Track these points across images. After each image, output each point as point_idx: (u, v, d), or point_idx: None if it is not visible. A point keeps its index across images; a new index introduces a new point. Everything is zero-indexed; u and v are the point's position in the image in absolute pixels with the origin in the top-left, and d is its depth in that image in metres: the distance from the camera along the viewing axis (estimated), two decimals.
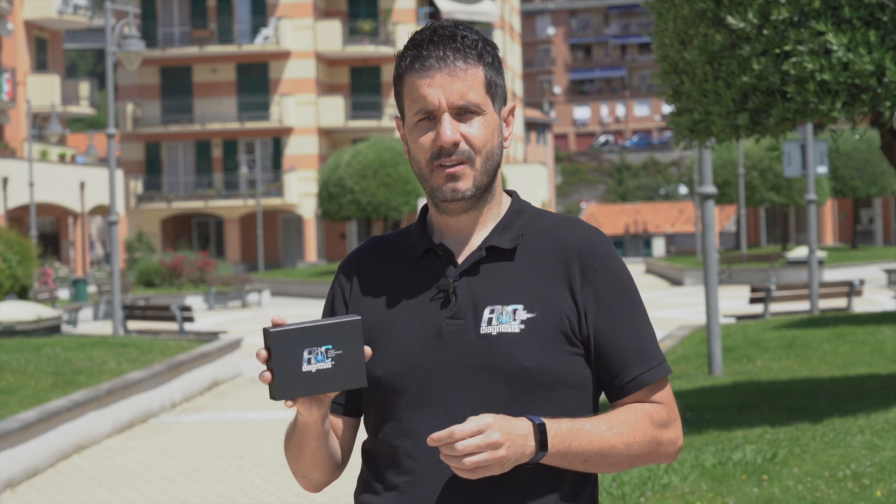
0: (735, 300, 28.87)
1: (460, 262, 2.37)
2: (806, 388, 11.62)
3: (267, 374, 2.17)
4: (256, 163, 52.89)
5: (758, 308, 22.14)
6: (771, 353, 15.23)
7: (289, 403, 2.18)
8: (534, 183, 57.15)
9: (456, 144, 2.31)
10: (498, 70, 2.38)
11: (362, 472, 2.43)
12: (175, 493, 9.88)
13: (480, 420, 2.17)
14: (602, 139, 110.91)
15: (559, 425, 2.25)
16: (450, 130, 2.30)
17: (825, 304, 22.89)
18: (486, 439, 2.16)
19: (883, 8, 8.47)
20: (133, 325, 22.43)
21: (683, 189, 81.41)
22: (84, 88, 53.28)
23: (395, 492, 2.32)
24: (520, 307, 2.31)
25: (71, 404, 11.75)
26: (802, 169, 21.86)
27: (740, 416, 10.08)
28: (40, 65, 50.95)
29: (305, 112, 53.84)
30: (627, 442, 2.31)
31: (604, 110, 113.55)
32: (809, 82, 8.51)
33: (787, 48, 8.54)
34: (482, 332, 2.31)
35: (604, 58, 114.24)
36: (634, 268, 52.57)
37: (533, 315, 2.31)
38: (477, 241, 2.39)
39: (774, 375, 13.02)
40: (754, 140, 10.07)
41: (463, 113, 2.32)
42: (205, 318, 30.81)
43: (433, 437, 2.16)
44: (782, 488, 7.38)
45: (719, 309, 15.70)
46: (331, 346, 2.16)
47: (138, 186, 53.94)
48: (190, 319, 21.71)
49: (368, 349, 2.21)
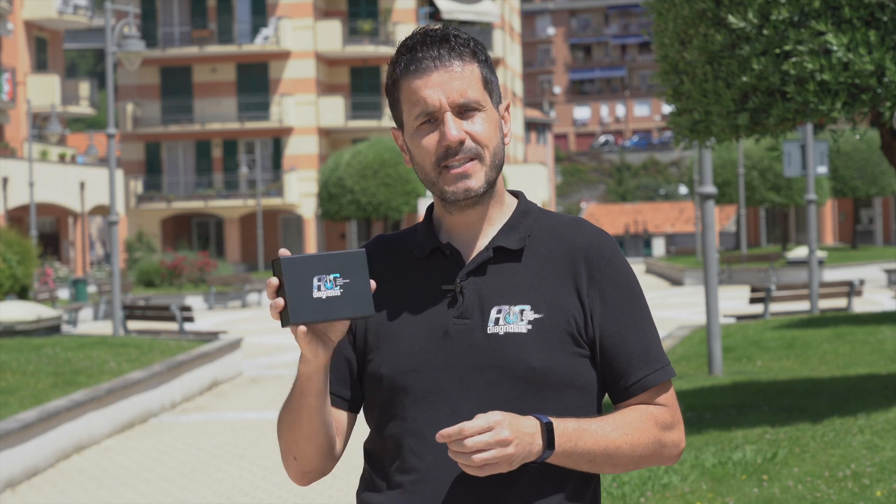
0: (735, 300, 28.87)
1: (467, 262, 2.37)
2: (806, 388, 11.62)
3: (279, 301, 2.17)
4: (256, 163, 52.90)
5: (758, 308, 22.15)
6: (771, 353, 15.23)
7: (302, 330, 2.17)
8: (534, 183, 57.12)
9: (462, 143, 2.30)
10: (491, 68, 2.38)
11: (364, 471, 2.42)
12: (175, 493, 9.88)
13: (490, 417, 2.17)
14: (602, 139, 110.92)
15: (565, 424, 2.25)
16: (455, 129, 2.30)
17: (825, 304, 22.89)
18: (496, 436, 2.16)
19: (883, 8, 8.47)
20: (133, 325, 22.43)
21: (683, 189, 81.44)
22: (84, 88, 53.29)
23: (400, 490, 2.31)
24: (527, 307, 2.31)
25: (71, 404, 11.75)
26: (802, 169, 21.87)
27: (740, 416, 10.08)
28: (40, 65, 50.96)
29: (305, 112, 53.84)
30: (632, 443, 2.31)
31: (604, 110, 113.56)
32: (809, 82, 8.51)
33: (787, 48, 8.54)
34: (489, 332, 2.31)
35: (604, 58, 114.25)
36: (634, 268, 52.51)
37: (540, 316, 2.31)
38: (484, 241, 2.39)
39: (774, 375, 13.03)
40: (754, 140, 10.07)
41: (464, 111, 2.32)
42: (205, 318, 30.81)
43: (442, 434, 2.16)
44: (782, 488, 7.38)
45: (719, 309, 15.70)
46: (339, 275, 2.18)
47: (138, 186, 53.94)
48: (190, 319, 21.71)
49: (373, 282, 2.22)
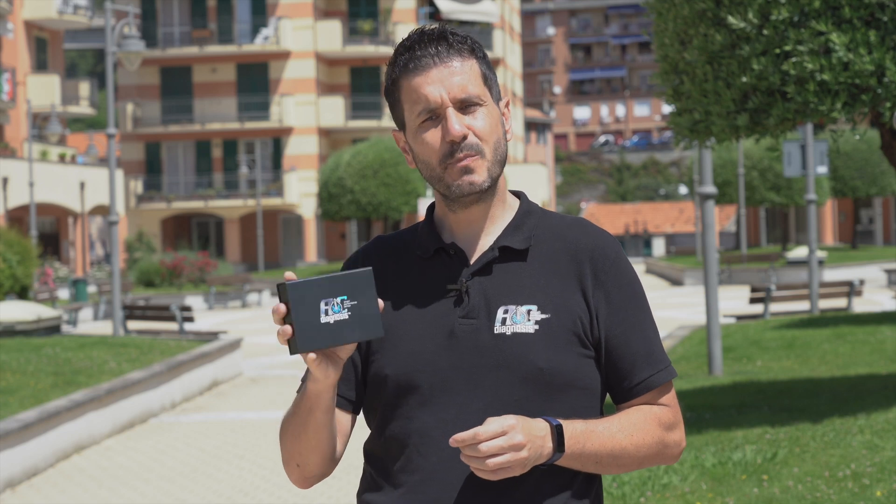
0: (735, 300, 28.87)
1: (472, 262, 2.36)
2: (806, 388, 11.62)
3: (287, 328, 2.14)
4: (256, 163, 52.90)
5: (758, 308, 22.14)
6: (771, 353, 15.23)
7: (311, 356, 2.15)
8: (534, 183, 57.12)
9: (465, 137, 2.30)
10: (489, 65, 2.39)
11: (365, 472, 2.41)
12: (175, 493, 9.88)
13: (504, 421, 2.16)
14: (602, 139, 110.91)
15: (574, 426, 2.25)
16: (457, 124, 2.30)
17: (825, 304, 22.89)
18: (510, 441, 2.15)
19: (883, 8, 8.47)
20: (133, 325, 22.42)
21: (683, 189, 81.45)
22: (84, 88, 53.30)
23: (404, 490, 2.30)
24: (534, 308, 2.31)
25: (71, 404, 11.74)
26: (802, 169, 21.86)
27: (740, 416, 10.08)
28: (40, 65, 50.96)
29: (305, 112, 53.85)
30: (637, 444, 2.32)
31: (604, 110, 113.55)
32: (809, 82, 8.50)
33: (787, 48, 8.54)
34: (496, 332, 2.30)
35: (604, 58, 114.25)
36: (635, 268, 52.50)
37: (547, 316, 2.31)
38: (488, 241, 2.38)
39: (774, 375, 13.03)
40: (754, 140, 10.07)
41: (466, 106, 2.32)
42: (205, 318, 30.81)
43: (456, 439, 2.15)
44: (782, 488, 7.38)
45: (719, 309, 15.70)
46: (346, 297, 2.15)
47: (138, 186, 53.95)
48: (190, 319, 21.70)
49: (381, 301, 2.19)
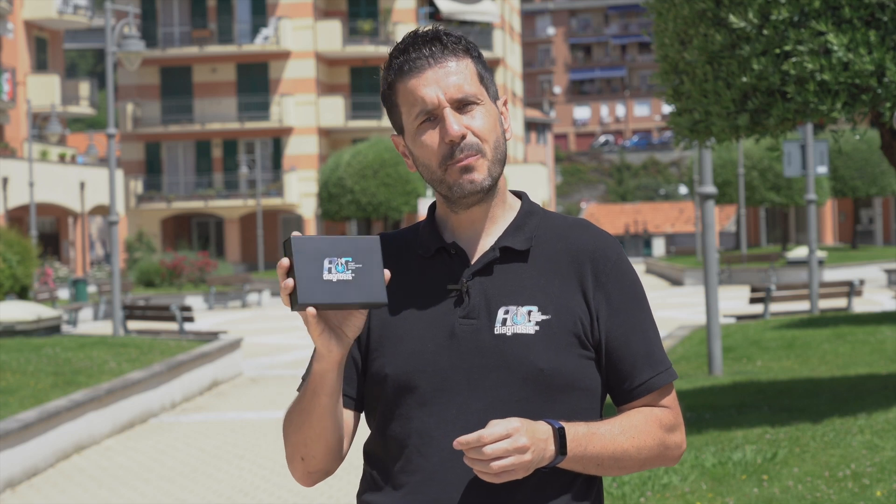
0: (735, 300, 28.87)
1: (473, 262, 2.36)
2: (806, 388, 11.62)
3: (289, 282, 2.13)
4: (256, 163, 52.90)
5: (758, 308, 22.14)
6: (771, 353, 15.23)
7: (311, 312, 2.13)
8: (534, 183, 57.10)
9: (464, 137, 2.30)
10: (485, 64, 2.38)
11: (365, 473, 2.40)
12: (175, 493, 9.88)
13: (508, 424, 2.15)
14: (602, 139, 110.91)
15: (576, 429, 2.25)
16: (456, 125, 2.29)
17: (825, 304, 22.89)
18: (514, 443, 2.14)
19: (883, 8, 8.47)
20: (133, 325, 22.42)
21: (683, 189, 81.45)
22: (84, 88, 53.30)
23: (404, 490, 2.30)
24: (534, 308, 2.30)
25: (71, 404, 11.75)
26: (802, 169, 21.87)
27: (740, 416, 10.08)
28: (40, 65, 50.96)
29: (305, 112, 53.84)
30: (639, 446, 2.31)
31: (604, 110, 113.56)
32: (809, 82, 8.51)
33: (787, 48, 8.54)
34: (496, 333, 2.29)
35: (604, 58, 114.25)
36: (635, 268, 52.62)
37: (548, 317, 2.30)
38: (489, 241, 2.38)
39: (774, 375, 13.03)
40: (754, 140, 10.07)
41: (463, 106, 2.31)
42: (205, 318, 30.81)
43: (460, 441, 2.14)
44: (782, 488, 7.38)
45: (719, 309, 15.70)
46: (350, 259, 2.14)
47: (138, 186, 53.95)
48: (190, 319, 21.70)
49: (387, 271, 2.18)
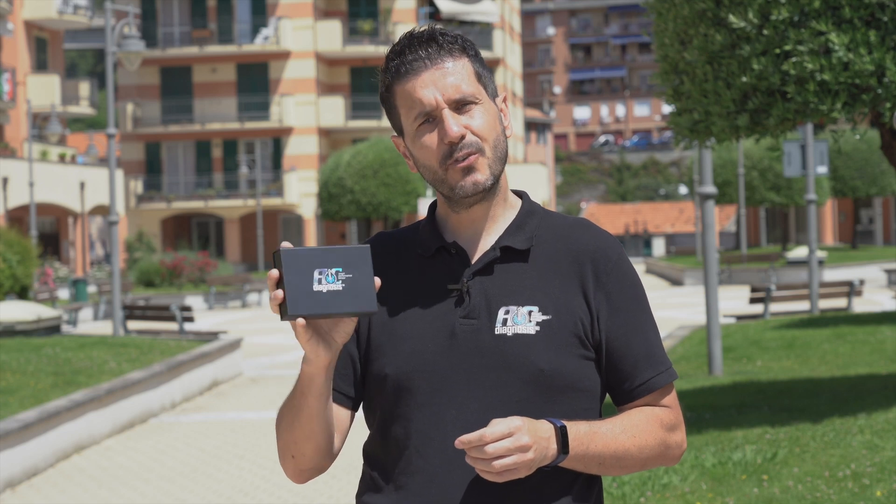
0: (735, 300, 28.87)
1: (474, 262, 2.35)
2: (806, 388, 11.62)
3: (279, 293, 2.13)
4: (256, 163, 52.91)
5: (758, 308, 22.14)
6: (771, 353, 15.23)
7: (300, 322, 2.13)
8: (534, 183, 57.09)
9: (463, 137, 2.29)
10: (482, 62, 2.37)
11: (365, 473, 2.40)
12: (175, 493, 9.88)
13: (510, 423, 2.15)
14: (602, 139, 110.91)
15: (578, 428, 2.24)
16: (455, 125, 2.28)
17: (825, 304, 22.89)
18: (516, 442, 2.14)
19: (883, 8, 8.47)
20: (133, 325, 22.42)
21: (683, 189, 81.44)
22: (84, 88, 53.30)
23: (405, 491, 2.29)
24: (535, 309, 2.30)
25: (71, 404, 11.74)
26: (802, 169, 21.87)
27: (740, 416, 10.08)
28: (40, 65, 50.96)
29: (305, 112, 53.84)
30: (640, 445, 2.31)
31: (604, 110, 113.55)
32: (809, 82, 8.50)
33: (788, 48, 8.54)
34: (497, 333, 2.29)
35: (604, 58, 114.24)
36: (635, 268, 52.70)
37: (548, 317, 2.29)
38: (489, 241, 2.37)
39: (774, 375, 13.03)
40: (754, 140, 10.07)
41: (461, 105, 2.31)
42: (205, 318, 30.81)
43: (462, 440, 2.13)
44: (782, 488, 7.37)
45: (719, 309, 15.70)
46: (341, 269, 2.15)
47: (138, 186, 53.95)
48: (190, 319, 21.70)
49: (378, 279, 2.17)
